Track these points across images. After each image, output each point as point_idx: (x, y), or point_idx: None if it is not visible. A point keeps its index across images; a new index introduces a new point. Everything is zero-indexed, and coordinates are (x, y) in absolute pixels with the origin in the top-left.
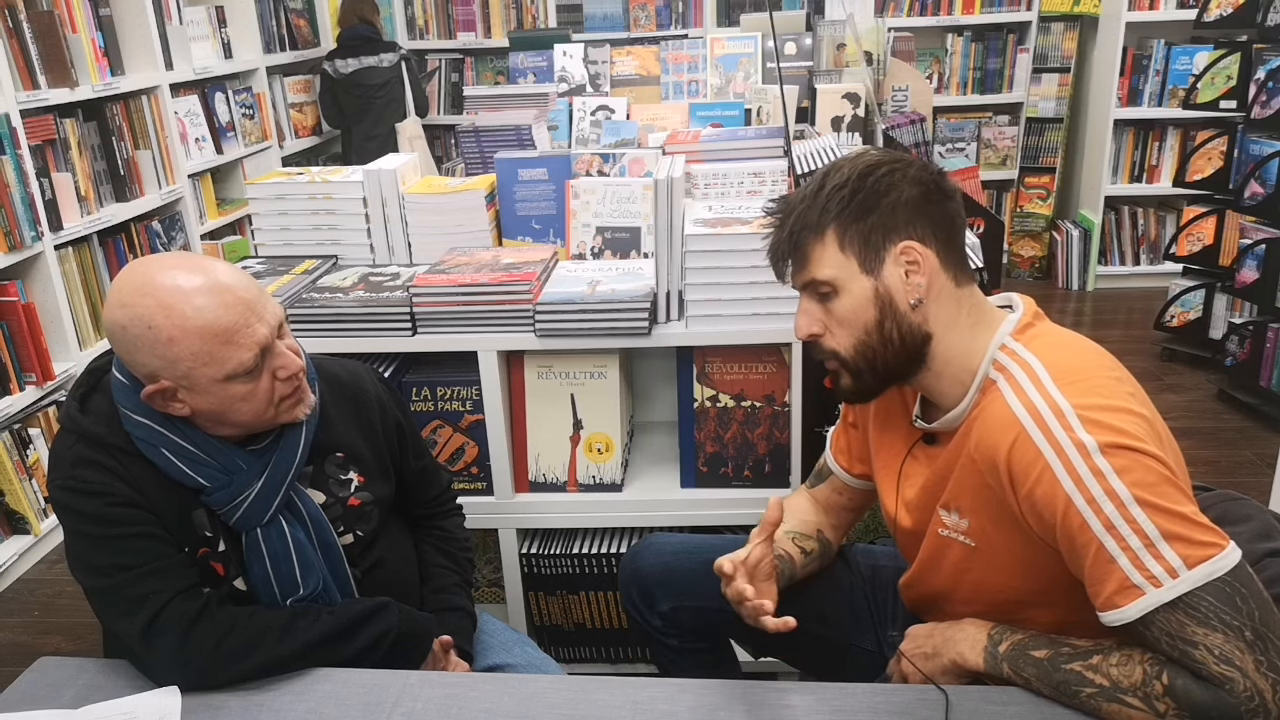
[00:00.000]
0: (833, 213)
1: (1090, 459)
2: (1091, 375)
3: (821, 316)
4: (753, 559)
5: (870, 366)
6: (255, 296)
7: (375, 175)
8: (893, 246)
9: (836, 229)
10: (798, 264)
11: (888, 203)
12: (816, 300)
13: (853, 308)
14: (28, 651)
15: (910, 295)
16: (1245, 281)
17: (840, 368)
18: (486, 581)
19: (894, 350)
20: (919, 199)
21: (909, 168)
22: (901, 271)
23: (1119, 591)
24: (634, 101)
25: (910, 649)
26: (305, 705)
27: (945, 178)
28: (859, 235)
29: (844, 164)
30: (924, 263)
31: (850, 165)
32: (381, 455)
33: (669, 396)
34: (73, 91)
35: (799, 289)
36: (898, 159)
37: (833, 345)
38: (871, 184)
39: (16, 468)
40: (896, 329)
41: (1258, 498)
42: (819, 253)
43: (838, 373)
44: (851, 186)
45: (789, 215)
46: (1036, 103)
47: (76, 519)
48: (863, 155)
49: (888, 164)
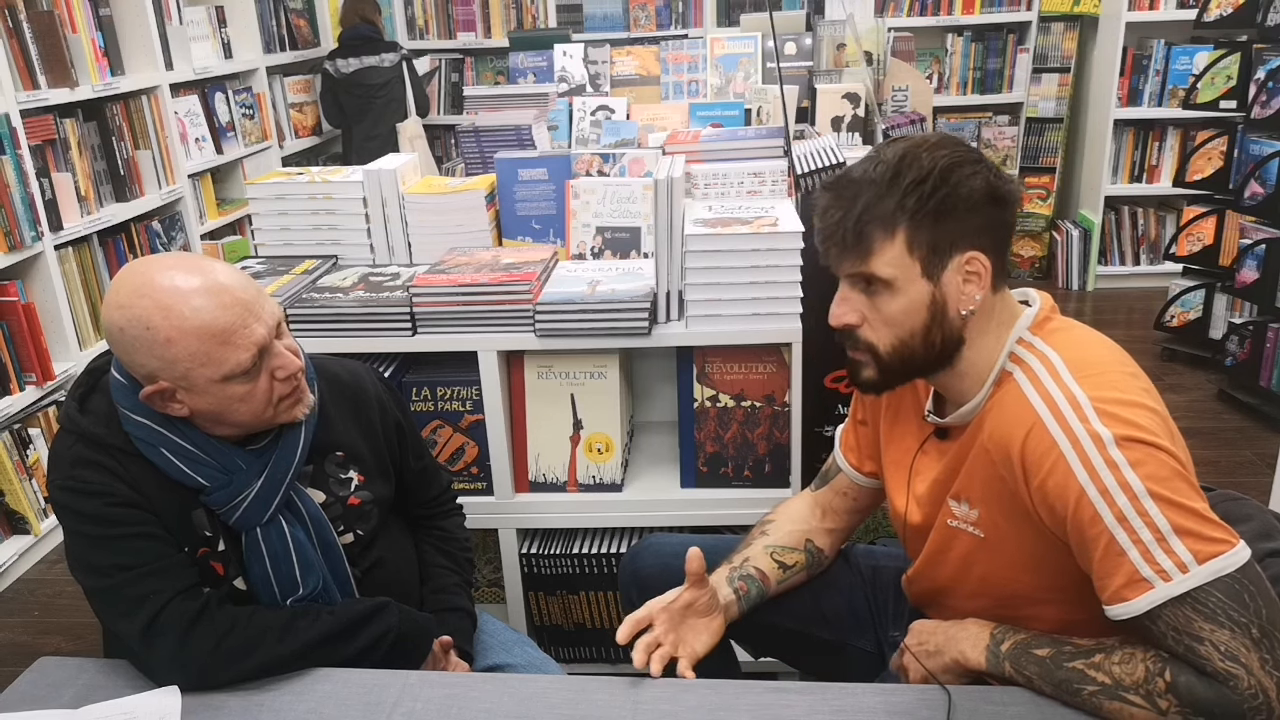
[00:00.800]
0: (909, 211)
1: (1106, 450)
2: (1108, 370)
3: (864, 308)
4: (679, 604)
5: (903, 366)
6: (253, 297)
7: (375, 175)
8: (959, 255)
9: (908, 229)
10: (856, 254)
11: (965, 209)
12: (862, 291)
13: (905, 310)
14: (28, 651)
15: (964, 305)
16: (1245, 281)
17: (869, 360)
18: (486, 581)
19: (932, 353)
20: (991, 206)
21: (988, 171)
22: (960, 279)
23: (1128, 585)
24: (634, 101)
25: (914, 644)
26: (305, 705)
27: (1012, 182)
28: (929, 239)
29: (921, 152)
30: (984, 276)
31: (929, 155)
32: (381, 454)
33: (669, 396)
34: (73, 91)
35: (844, 276)
36: (977, 158)
37: (870, 339)
38: (954, 184)
39: (16, 468)
40: (940, 335)
41: (1258, 498)
42: (884, 249)
43: (862, 364)
44: (932, 184)
45: (855, 200)
46: (1036, 103)
47: (76, 519)
48: (940, 145)
49: (969, 164)
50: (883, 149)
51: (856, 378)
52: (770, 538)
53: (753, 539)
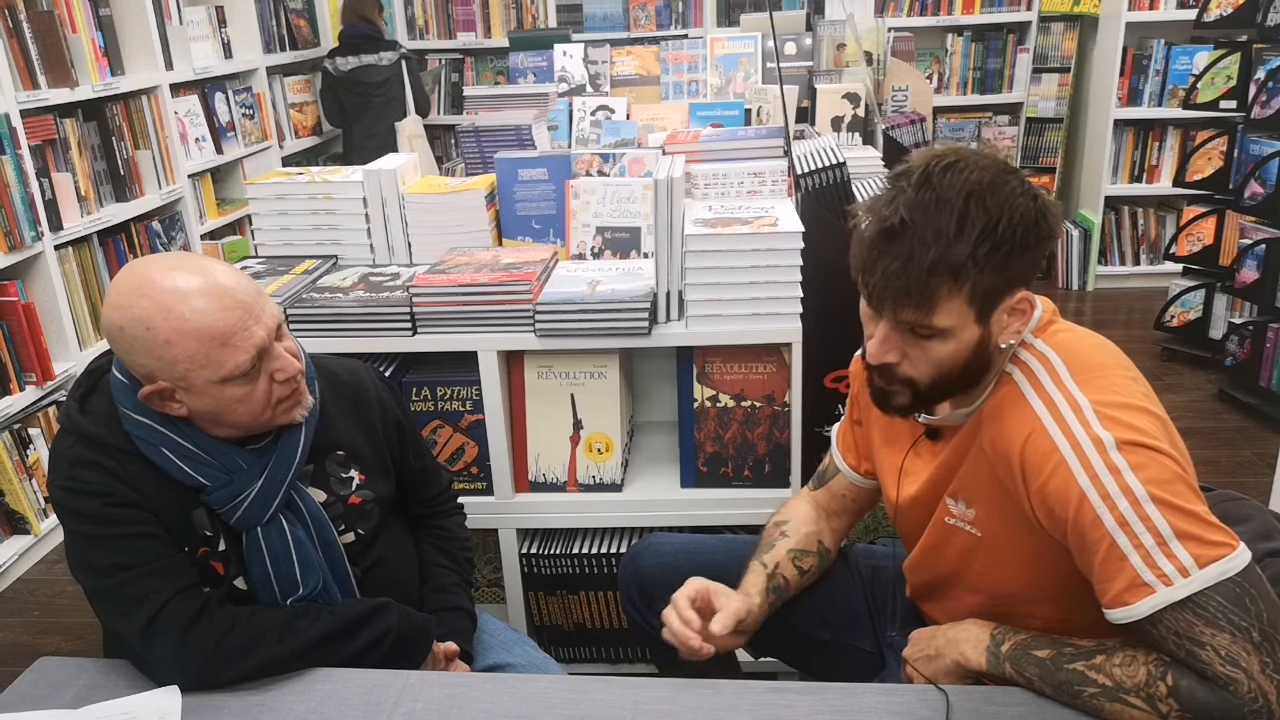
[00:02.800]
0: (980, 262)
1: (1107, 454)
2: (1109, 373)
3: (905, 348)
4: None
5: (939, 395)
6: (253, 299)
7: (375, 175)
8: (1011, 298)
9: (975, 280)
10: (917, 306)
11: (1030, 256)
12: (907, 333)
13: (954, 353)
14: (28, 651)
15: (1006, 339)
16: (1245, 281)
17: (904, 390)
18: (486, 581)
19: (967, 380)
20: (1042, 242)
21: (1034, 198)
22: (1007, 316)
23: (1129, 589)
24: (634, 101)
25: (913, 653)
26: (305, 705)
27: (1055, 205)
28: (989, 289)
29: (984, 192)
30: (1029, 312)
31: (993, 197)
32: (382, 454)
33: (669, 396)
34: (73, 91)
35: (893, 320)
36: (1034, 191)
37: (910, 374)
38: (1021, 235)
39: (16, 468)
40: (978, 365)
41: (1258, 498)
42: (948, 301)
43: (895, 393)
44: (1002, 231)
45: (921, 248)
46: (1036, 103)
47: (76, 519)
48: (997, 182)
49: (1035, 207)
50: (938, 179)
51: (886, 404)
52: (791, 540)
53: (774, 540)
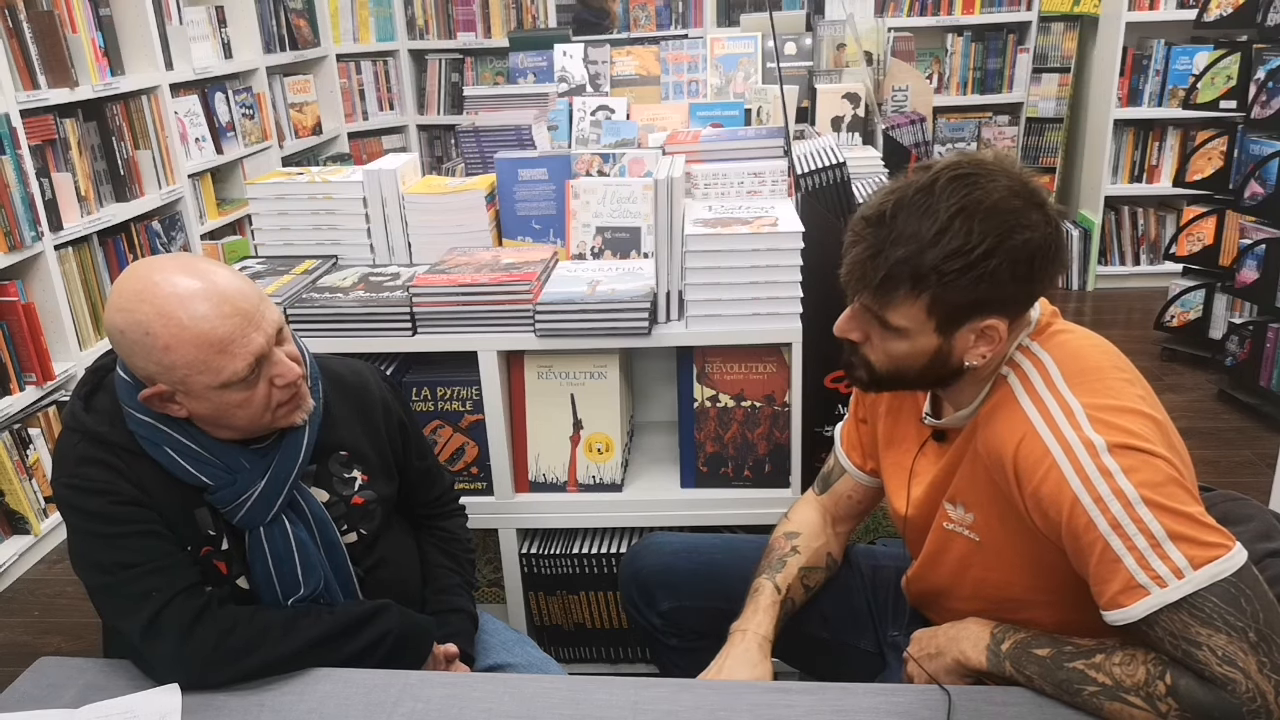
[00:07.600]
0: (945, 280)
1: (1098, 458)
2: (1104, 376)
3: (869, 332)
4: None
5: (896, 383)
6: (254, 306)
7: (375, 175)
8: (978, 321)
9: (935, 294)
10: (874, 297)
11: (1010, 289)
12: (872, 319)
13: (909, 354)
14: (28, 651)
15: (970, 359)
16: (1245, 281)
17: (863, 369)
18: (486, 581)
19: (925, 381)
20: (1030, 267)
21: (1047, 250)
22: (972, 338)
23: (1124, 591)
24: (634, 101)
25: (915, 652)
26: (305, 705)
27: (1063, 235)
28: (953, 306)
29: (980, 212)
30: (998, 341)
31: (982, 224)
32: (385, 454)
33: (669, 396)
34: (73, 91)
35: (857, 303)
36: (1048, 231)
37: (869, 357)
38: (999, 266)
39: (16, 468)
40: (936, 373)
41: (1258, 498)
42: (904, 305)
43: (855, 366)
44: (976, 257)
45: (891, 243)
46: (1036, 103)
47: (80, 517)
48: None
49: (1035, 245)
50: (942, 186)
51: (850, 374)
52: (802, 557)
53: (785, 556)
